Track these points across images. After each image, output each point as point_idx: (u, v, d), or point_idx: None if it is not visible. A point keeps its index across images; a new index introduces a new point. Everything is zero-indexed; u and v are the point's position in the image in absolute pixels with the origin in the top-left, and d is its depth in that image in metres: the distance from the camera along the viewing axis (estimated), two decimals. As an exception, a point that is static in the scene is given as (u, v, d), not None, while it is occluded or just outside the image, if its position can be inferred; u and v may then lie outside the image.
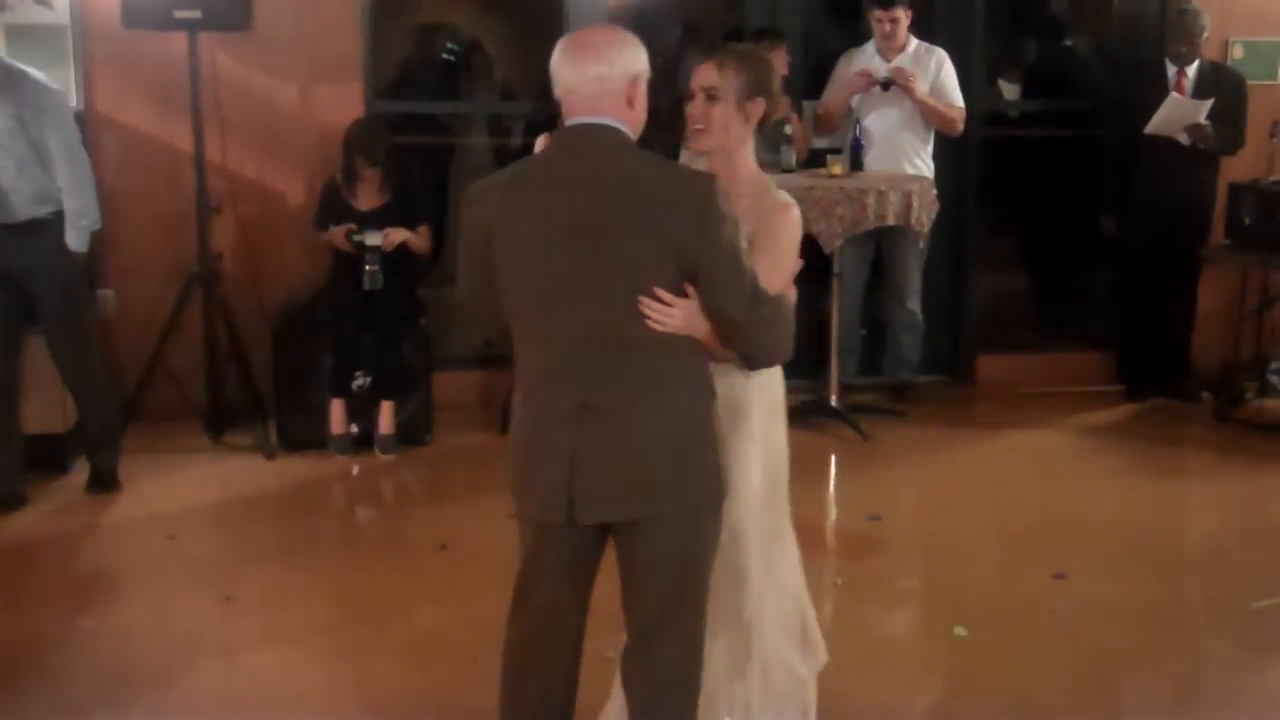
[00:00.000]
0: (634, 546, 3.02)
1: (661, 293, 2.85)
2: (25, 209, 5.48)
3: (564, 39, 2.98)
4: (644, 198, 2.86)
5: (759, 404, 3.25)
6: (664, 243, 2.84)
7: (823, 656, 3.51)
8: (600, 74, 2.91)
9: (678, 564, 3.02)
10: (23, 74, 5.50)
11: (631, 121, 2.97)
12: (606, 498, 2.95)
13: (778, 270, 3.13)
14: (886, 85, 6.90)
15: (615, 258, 2.85)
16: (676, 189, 2.88)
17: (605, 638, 3.35)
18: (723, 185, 2.90)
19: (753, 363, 3.12)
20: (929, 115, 6.92)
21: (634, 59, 2.96)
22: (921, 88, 6.86)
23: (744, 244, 2.99)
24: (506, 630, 3.19)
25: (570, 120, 2.95)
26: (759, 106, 3.22)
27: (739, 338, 2.98)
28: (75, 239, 5.56)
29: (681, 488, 2.96)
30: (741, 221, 3.07)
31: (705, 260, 2.86)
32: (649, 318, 2.86)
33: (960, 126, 6.97)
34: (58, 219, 5.53)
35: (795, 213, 3.21)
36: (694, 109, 3.23)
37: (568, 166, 2.94)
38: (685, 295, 2.88)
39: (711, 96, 3.21)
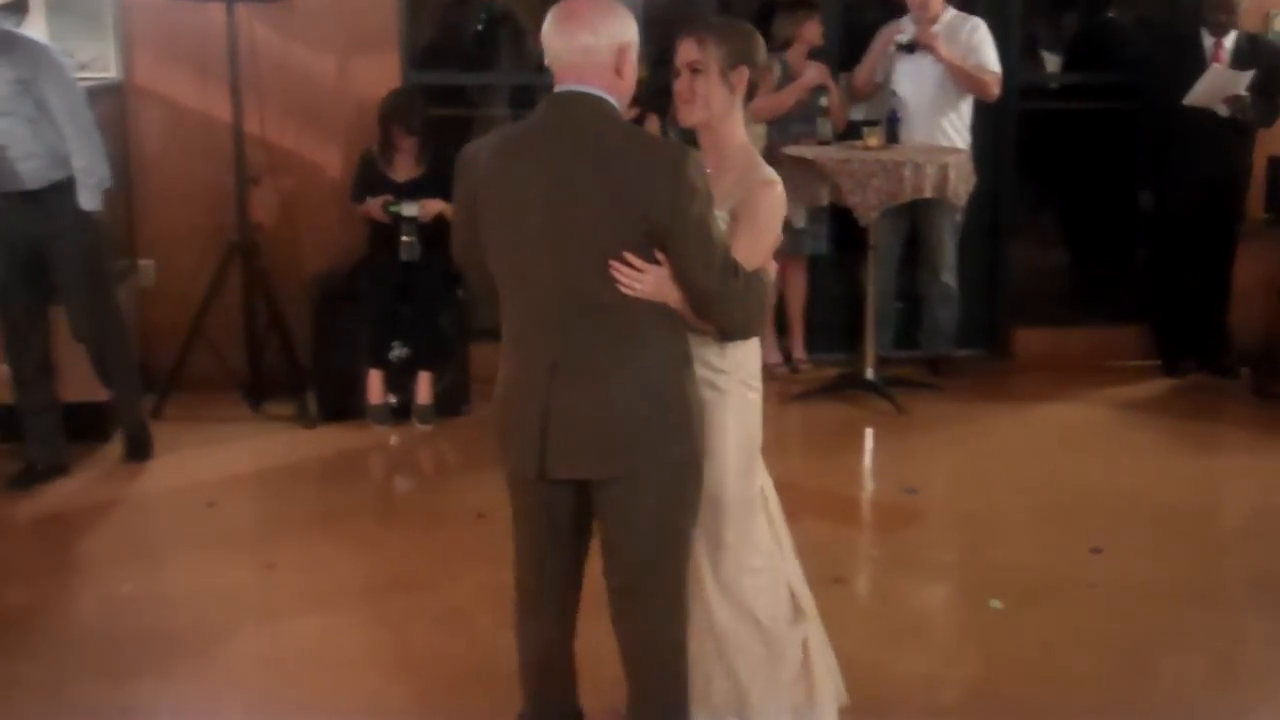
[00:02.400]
0: (610, 506, 3.09)
1: (631, 257, 2.92)
2: (40, 175, 5.47)
3: (555, 7, 3.03)
4: (615, 165, 2.92)
5: (734, 375, 3.29)
6: (632, 210, 2.90)
7: (811, 616, 3.52)
8: (587, 44, 2.97)
9: (653, 525, 3.08)
10: (17, 36, 5.53)
11: (619, 90, 3.03)
12: (576, 454, 3.03)
13: (757, 246, 3.18)
14: (911, 48, 6.86)
15: (585, 223, 2.92)
16: (648, 158, 2.94)
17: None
18: (698, 157, 2.96)
19: (726, 335, 3.18)
20: (958, 78, 6.85)
21: (622, 29, 3.01)
22: (946, 49, 6.81)
23: (721, 217, 3.08)
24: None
25: (558, 87, 3.02)
26: (743, 75, 3.26)
27: (710, 309, 3.03)
28: (88, 198, 5.53)
29: (653, 449, 3.02)
30: (726, 196, 3.16)
31: (673, 230, 2.91)
32: (618, 281, 2.92)
33: (994, 90, 6.90)
34: (72, 183, 5.51)
35: (779, 189, 3.24)
36: (680, 84, 3.29)
37: (547, 132, 3.01)
38: (656, 262, 2.94)
39: (695, 70, 3.25)
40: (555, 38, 2.99)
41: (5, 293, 5.61)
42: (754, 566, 3.39)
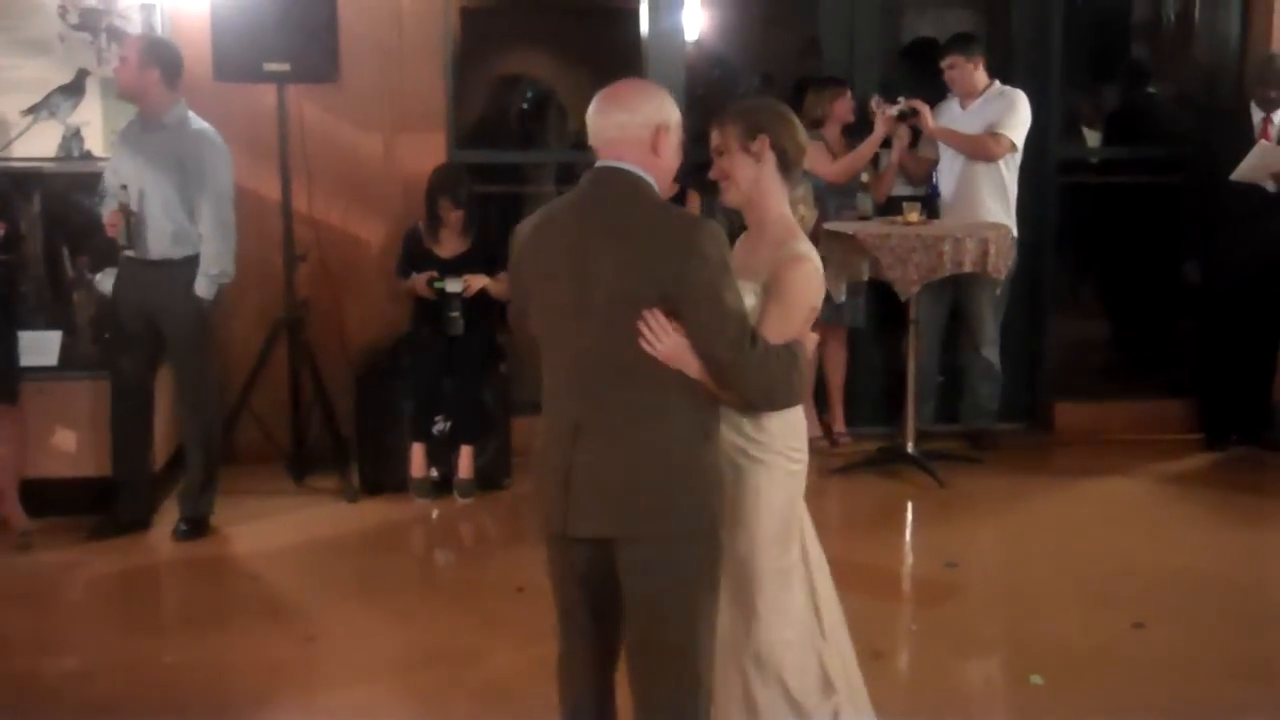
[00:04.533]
0: (624, 566, 3.15)
1: (656, 314, 3.01)
2: (161, 249, 5.71)
3: (600, 91, 3.20)
4: (633, 236, 3.05)
5: (770, 445, 3.34)
6: (646, 279, 3.02)
7: (841, 695, 3.51)
8: (621, 121, 3.13)
9: (663, 590, 3.12)
10: (188, 119, 5.81)
11: (655, 168, 3.16)
12: (594, 513, 3.11)
13: (788, 319, 3.24)
14: (904, 116, 6.94)
15: (606, 290, 3.04)
16: (663, 229, 3.06)
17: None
18: (713, 227, 3.05)
19: (750, 405, 3.23)
20: (954, 146, 6.92)
21: (658, 109, 3.16)
22: (931, 122, 6.88)
23: (752, 289, 3.20)
24: None
25: (597, 163, 3.17)
26: (763, 143, 3.35)
27: (726, 377, 3.09)
28: (204, 286, 5.75)
29: (668, 515, 3.08)
30: (760, 269, 3.26)
31: (684, 298, 3.01)
32: (643, 335, 3.01)
33: (994, 150, 6.86)
34: (189, 263, 5.73)
35: (809, 265, 3.30)
36: (713, 172, 3.43)
37: (580, 204, 3.16)
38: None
39: (719, 153, 3.40)
40: (595, 116, 3.16)
41: (116, 349, 5.89)
42: (785, 639, 3.41)
